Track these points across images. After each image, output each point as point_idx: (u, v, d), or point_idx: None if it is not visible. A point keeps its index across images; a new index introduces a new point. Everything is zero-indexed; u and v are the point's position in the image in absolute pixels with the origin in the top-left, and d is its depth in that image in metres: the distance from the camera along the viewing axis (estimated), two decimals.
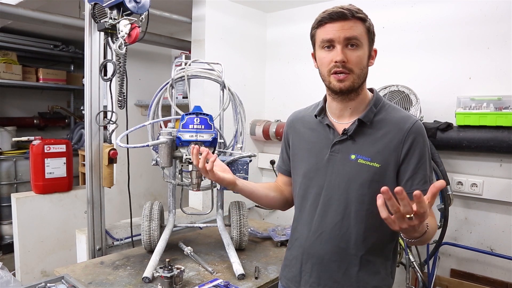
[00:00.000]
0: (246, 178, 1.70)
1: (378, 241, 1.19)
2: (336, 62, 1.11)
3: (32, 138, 2.83)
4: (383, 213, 0.90)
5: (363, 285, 1.20)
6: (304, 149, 1.30)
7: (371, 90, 1.25)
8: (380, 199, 0.88)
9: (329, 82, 1.16)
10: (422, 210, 0.86)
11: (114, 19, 1.70)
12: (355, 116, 1.20)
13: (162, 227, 1.98)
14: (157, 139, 1.68)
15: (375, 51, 1.20)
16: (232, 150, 2.01)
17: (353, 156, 1.17)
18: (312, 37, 1.20)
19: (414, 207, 0.87)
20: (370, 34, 1.15)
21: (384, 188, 0.84)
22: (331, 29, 1.11)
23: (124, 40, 1.69)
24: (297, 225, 1.32)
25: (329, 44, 1.13)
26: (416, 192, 0.83)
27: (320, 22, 1.14)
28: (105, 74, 1.93)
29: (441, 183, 0.86)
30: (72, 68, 5.13)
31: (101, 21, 1.77)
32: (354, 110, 1.21)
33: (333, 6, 1.14)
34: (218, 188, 2.01)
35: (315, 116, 1.28)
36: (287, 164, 1.40)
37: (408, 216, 0.88)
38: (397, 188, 0.84)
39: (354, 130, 1.18)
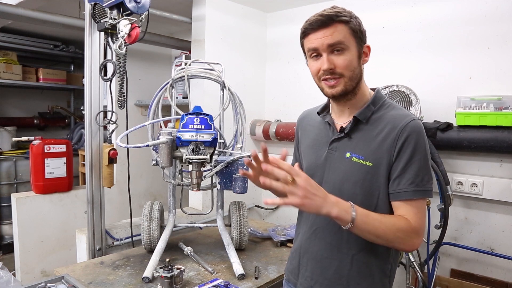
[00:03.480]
0: (246, 178, 1.70)
1: (372, 242, 1.14)
2: (324, 70, 1.12)
3: (32, 138, 2.83)
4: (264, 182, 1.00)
5: (354, 285, 1.18)
6: (307, 146, 1.32)
7: (374, 89, 1.25)
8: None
9: (322, 89, 1.18)
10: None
11: (114, 19, 1.70)
12: (353, 114, 1.20)
13: (162, 227, 1.98)
14: (157, 139, 1.68)
15: (368, 47, 1.18)
16: (232, 150, 2.01)
17: (348, 154, 1.17)
18: (302, 47, 1.22)
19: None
20: (356, 33, 1.13)
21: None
22: (314, 38, 1.12)
23: (124, 40, 1.69)
24: (300, 220, 1.35)
25: (316, 53, 1.14)
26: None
27: (304, 33, 1.16)
28: (105, 74, 1.93)
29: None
30: (72, 68, 5.14)
31: (101, 21, 1.77)
32: (352, 109, 1.21)
33: (330, 6, 1.14)
34: (218, 188, 2.01)
35: (318, 113, 1.30)
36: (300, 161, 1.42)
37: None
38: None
39: (350, 128, 1.18)
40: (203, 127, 1.67)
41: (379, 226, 1.05)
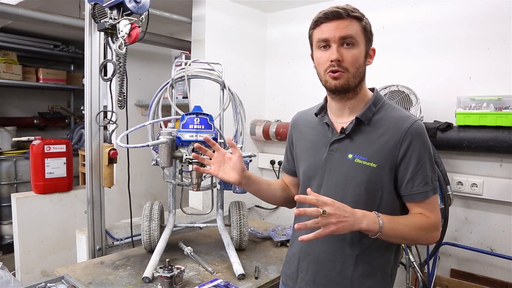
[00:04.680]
0: None
1: (375, 242, 1.16)
2: (331, 61, 1.12)
3: (32, 138, 2.83)
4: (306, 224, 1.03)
5: (357, 286, 1.19)
6: (304, 147, 1.31)
7: (372, 89, 1.25)
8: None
9: (325, 81, 1.17)
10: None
11: (114, 19, 1.70)
12: (354, 115, 1.19)
13: (162, 227, 1.98)
14: (157, 139, 1.68)
15: (374, 50, 1.20)
16: None
17: (350, 156, 1.17)
18: (310, 38, 1.21)
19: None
20: (367, 33, 1.15)
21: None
22: (327, 28, 1.12)
23: (124, 40, 1.69)
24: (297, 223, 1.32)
25: (325, 44, 1.14)
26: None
27: (316, 23, 1.15)
28: (105, 74, 1.93)
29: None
30: (72, 68, 5.13)
31: (101, 21, 1.77)
32: (353, 109, 1.21)
33: (332, 6, 1.14)
34: (218, 188, 2.01)
35: (315, 114, 1.29)
36: (291, 164, 1.41)
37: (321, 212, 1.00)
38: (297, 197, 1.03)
39: (352, 129, 1.18)
40: (203, 127, 1.67)
41: (404, 229, 1.11)
